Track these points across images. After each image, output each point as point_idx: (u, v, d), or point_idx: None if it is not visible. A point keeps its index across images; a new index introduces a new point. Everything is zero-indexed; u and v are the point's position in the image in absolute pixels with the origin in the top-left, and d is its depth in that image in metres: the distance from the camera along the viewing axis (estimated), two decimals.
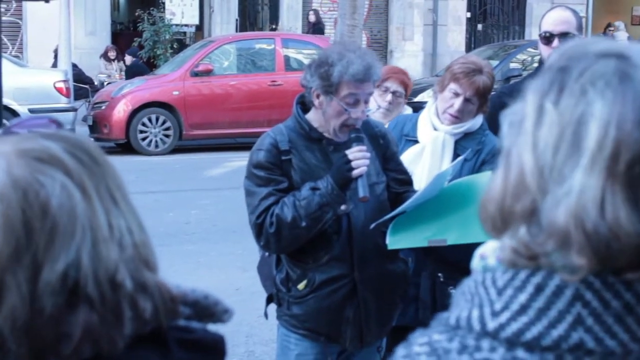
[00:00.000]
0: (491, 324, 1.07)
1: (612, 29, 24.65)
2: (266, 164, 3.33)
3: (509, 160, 1.11)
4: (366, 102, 3.34)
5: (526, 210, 1.07)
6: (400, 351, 1.12)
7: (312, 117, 3.42)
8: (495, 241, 1.15)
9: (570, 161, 1.04)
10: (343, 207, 3.29)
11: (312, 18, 21.29)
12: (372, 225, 3.34)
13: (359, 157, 3.25)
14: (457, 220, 3.39)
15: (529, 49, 16.09)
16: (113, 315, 1.17)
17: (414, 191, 3.51)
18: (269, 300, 3.60)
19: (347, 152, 3.26)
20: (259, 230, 3.33)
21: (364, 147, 3.29)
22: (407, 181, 3.59)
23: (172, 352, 1.24)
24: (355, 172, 3.24)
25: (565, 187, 1.04)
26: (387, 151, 3.55)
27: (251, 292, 6.32)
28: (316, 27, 20.77)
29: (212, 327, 1.36)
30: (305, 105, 3.45)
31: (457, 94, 3.77)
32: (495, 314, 1.08)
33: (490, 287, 1.10)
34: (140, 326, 1.20)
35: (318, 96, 3.33)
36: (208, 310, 1.34)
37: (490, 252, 1.17)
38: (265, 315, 3.67)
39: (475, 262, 1.18)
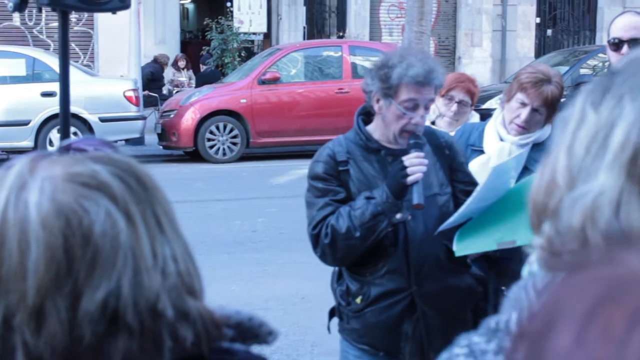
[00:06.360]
0: None
1: None
2: (323, 175, 3.30)
3: (547, 159, 1.13)
4: (426, 108, 3.23)
5: (555, 207, 1.09)
6: (444, 355, 1.13)
7: (373, 127, 3.36)
8: None
9: (597, 161, 1.05)
10: (399, 215, 3.20)
11: None
12: (438, 231, 3.24)
13: (416, 163, 3.15)
14: (525, 219, 3.24)
15: (600, 55, 15.84)
16: (153, 344, 1.15)
17: None
18: (332, 314, 3.55)
19: (404, 158, 3.17)
20: (315, 241, 3.30)
21: (421, 154, 3.18)
22: None
23: None
24: (410, 179, 3.13)
25: (587, 186, 1.05)
26: (453, 162, 3.44)
27: (317, 301, 6.31)
28: None
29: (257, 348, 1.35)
30: (368, 117, 3.40)
31: (524, 104, 3.68)
32: None
33: (530, 291, 1.12)
34: (181, 354, 1.18)
35: (378, 100, 3.25)
36: (252, 331, 1.32)
37: (535, 259, 1.20)
38: (328, 329, 3.63)
39: (525, 269, 1.19)
